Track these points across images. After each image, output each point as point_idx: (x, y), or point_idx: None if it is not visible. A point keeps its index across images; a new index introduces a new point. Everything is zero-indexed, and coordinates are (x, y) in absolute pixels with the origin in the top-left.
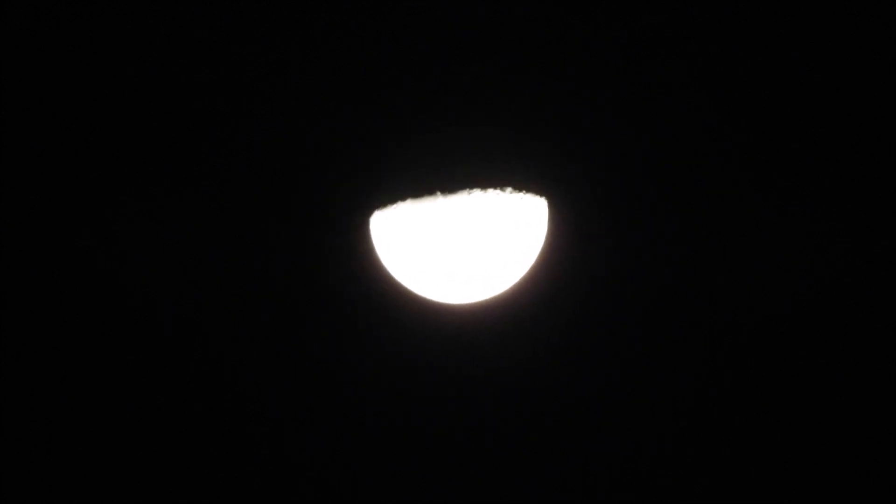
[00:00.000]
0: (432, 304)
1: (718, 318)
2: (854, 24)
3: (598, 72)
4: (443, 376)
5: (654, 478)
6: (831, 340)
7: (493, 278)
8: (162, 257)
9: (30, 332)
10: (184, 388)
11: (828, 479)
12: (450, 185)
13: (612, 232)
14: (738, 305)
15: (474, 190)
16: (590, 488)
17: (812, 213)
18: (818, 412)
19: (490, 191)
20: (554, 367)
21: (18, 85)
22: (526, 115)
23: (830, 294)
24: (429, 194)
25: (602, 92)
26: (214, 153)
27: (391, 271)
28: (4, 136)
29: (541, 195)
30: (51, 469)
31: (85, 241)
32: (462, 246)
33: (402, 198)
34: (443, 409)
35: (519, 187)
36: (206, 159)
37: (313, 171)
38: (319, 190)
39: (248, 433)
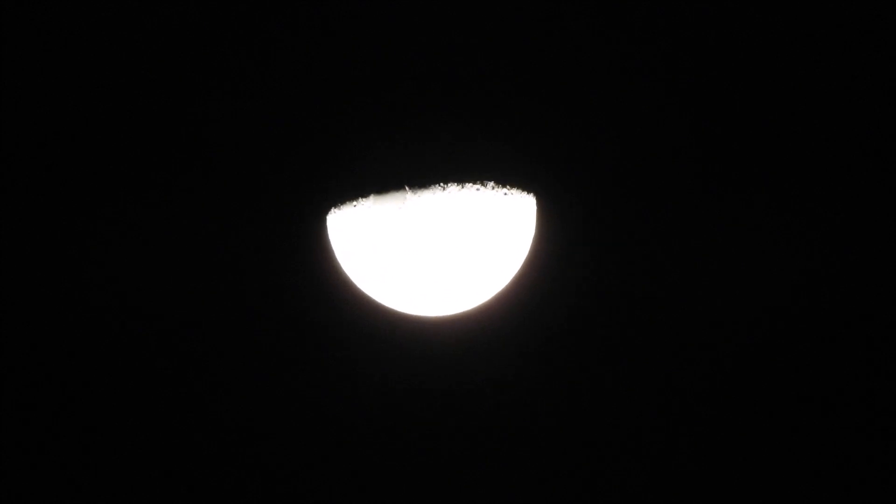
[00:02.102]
0: (401, 316)
1: (717, 321)
2: (839, 29)
3: (593, 54)
4: (415, 400)
5: (647, 486)
6: (824, 338)
7: (473, 287)
8: (104, 257)
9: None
10: (127, 392)
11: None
12: (420, 178)
13: (609, 233)
14: (737, 304)
15: (449, 185)
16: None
17: (808, 214)
18: (807, 413)
19: (468, 186)
20: (541, 393)
21: (8, 87)
22: (510, 99)
23: (825, 291)
24: (395, 189)
25: (598, 74)
26: (155, 147)
27: (353, 279)
28: None
29: (528, 191)
30: (45, 469)
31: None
32: (435, 250)
33: (364, 193)
34: (412, 435)
35: (502, 182)
36: (148, 153)
37: (258, 161)
38: (266, 184)
39: (195, 441)
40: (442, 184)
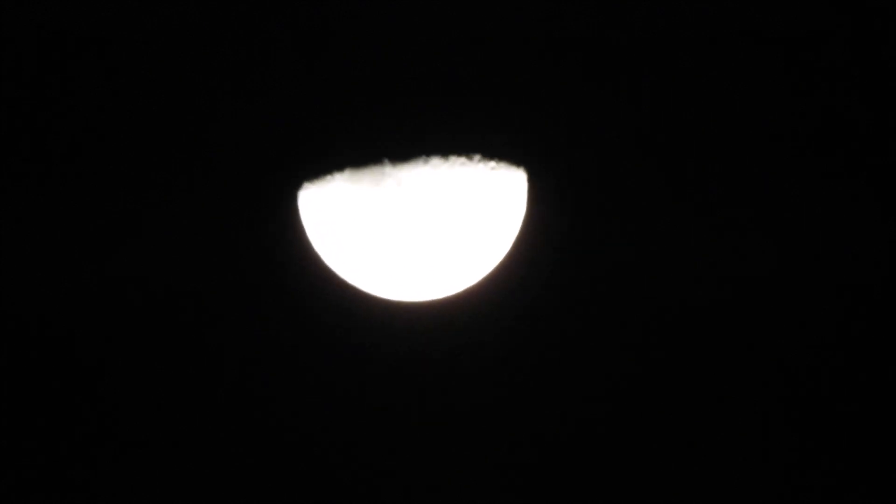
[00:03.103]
0: (381, 302)
1: (711, 303)
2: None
3: (585, 29)
4: (395, 392)
5: (646, 482)
6: (820, 336)
7: (459, 269)
8: (60, 240)
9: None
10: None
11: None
12: (401, 151)
13: (603, 210)
14: (730, 287)
15: (432, 158)
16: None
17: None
18: (800, 411)
19: (454, 159)
20: (530, 384)
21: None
22: (499, 68)
23: (820, 289)
24: (374, 163)
25: (590, 47)
26: (114, 127)
27: (326, 262)
28: None
29: (518, 165)
30: (44, 469)
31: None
32: (417, 229)
33: (340, 167)
34: (393, 429)
35: (491, 155)
36: (108, 133)
37: (223, 132)
38: (231, 157)
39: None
40: (425, 157)
